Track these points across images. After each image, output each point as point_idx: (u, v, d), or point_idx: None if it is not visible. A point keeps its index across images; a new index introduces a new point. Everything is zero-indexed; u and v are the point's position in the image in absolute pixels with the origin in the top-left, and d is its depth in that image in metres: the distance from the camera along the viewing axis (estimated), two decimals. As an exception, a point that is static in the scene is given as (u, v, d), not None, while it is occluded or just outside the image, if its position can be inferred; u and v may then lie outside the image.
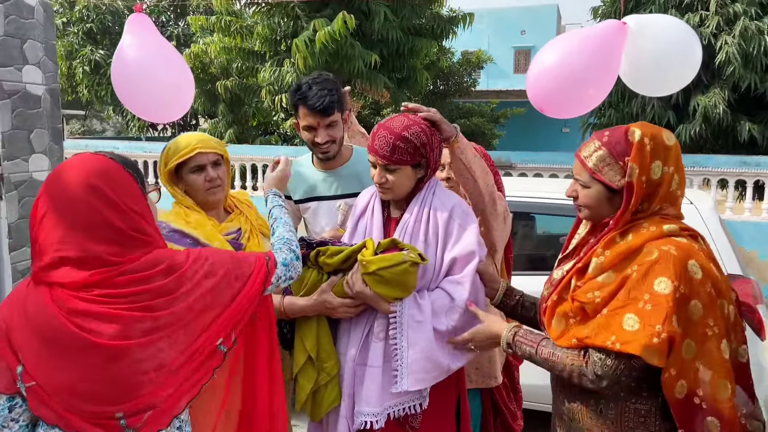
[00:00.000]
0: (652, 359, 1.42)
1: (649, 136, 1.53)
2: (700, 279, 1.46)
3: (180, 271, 1.45)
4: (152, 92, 2.23)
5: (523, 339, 1.67)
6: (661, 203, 1.55)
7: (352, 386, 1.85)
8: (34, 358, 1.35)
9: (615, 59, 2.13)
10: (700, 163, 7.98)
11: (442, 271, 1.86)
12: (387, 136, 1.81)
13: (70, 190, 1.37)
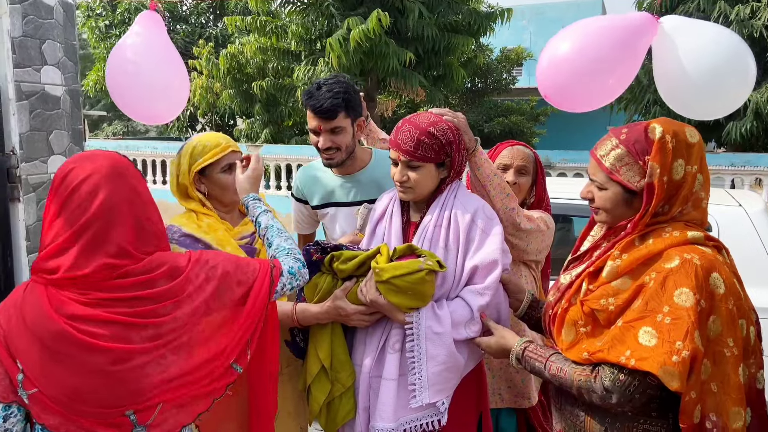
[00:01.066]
0: (671, 382, 1.29)
1: (671, 134, 1.40)
2: (723, 294, 1.34)
3: (183, 275, 1.41)
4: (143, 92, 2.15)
5: (533, 354, 1.56)
6: (682, 205, 1.42)
7: (368, 399, 1.76)
8: (36, 363, 1.32)
9: (639, 52, 1.97)
10: (752, 162, 7.63)
11: (462, 280, 1.76)
12: (412, 131, 1.72)
13: (94, 177, 1.34)
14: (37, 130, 2.24)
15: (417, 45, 9.66)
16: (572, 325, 1.47)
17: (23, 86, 2.16)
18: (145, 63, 2.06)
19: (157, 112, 2.19)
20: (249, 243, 1.92)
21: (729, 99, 2.11)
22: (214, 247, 1.81)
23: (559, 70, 2.05)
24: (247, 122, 13.83)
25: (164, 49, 2.14)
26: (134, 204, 1.38)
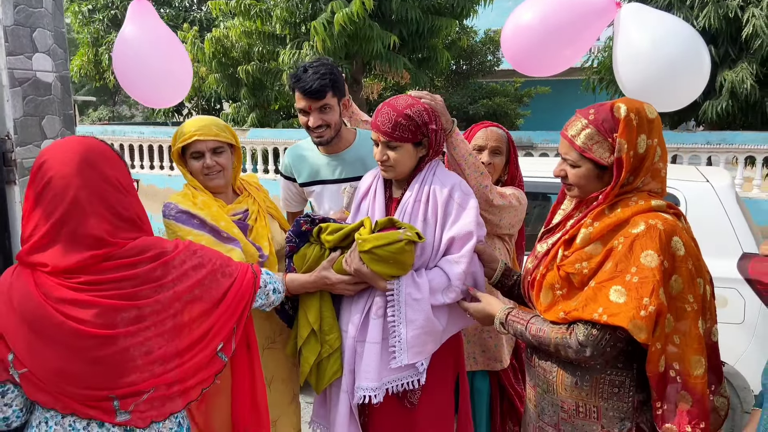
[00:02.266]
0: (639, 334, 1.42)
1: (635, 111, 1.52)
2: (683, 255, 1.48)
3: (166, 258, 1.47)
4: (151, 79, 2.25)
5: (515, 318, 1.69)
6: (644, 176, 1.55)
7: (353, 362, 1.89)
8: (24, 344, 1.37)
9: (595, 30, 2.08)
10: (727, 139, 7.78)
11: (440, 250, 1.87)
12: (390, 113, 1.83)
13: (64, 170, 1.36)
14: (30, 115, 2.30)
15: (401, 28, 9.68)
16: (549, 288, 1.59)
17: (16, 73, 2.23)
18: (147, 52, 2.14)
19: (166, 95, 2.29)
20: (242, 219, 2.02)
21: (684, 93, 2.21)
22: (209, 222, 1.91)
23: (521, 37, 2.16)
24: (234, 106, 13.77)
25: (163, 35, 2.22)
26: (108, 193, 1.40)
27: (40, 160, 1.40)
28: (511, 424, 2.35)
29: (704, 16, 8.06)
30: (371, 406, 1.89)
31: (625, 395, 1.55)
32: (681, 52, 2.15)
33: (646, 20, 2.19)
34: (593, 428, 1.57)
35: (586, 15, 2.05)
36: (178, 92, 2.36)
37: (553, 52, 2.14)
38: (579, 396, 1.58)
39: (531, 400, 1.76)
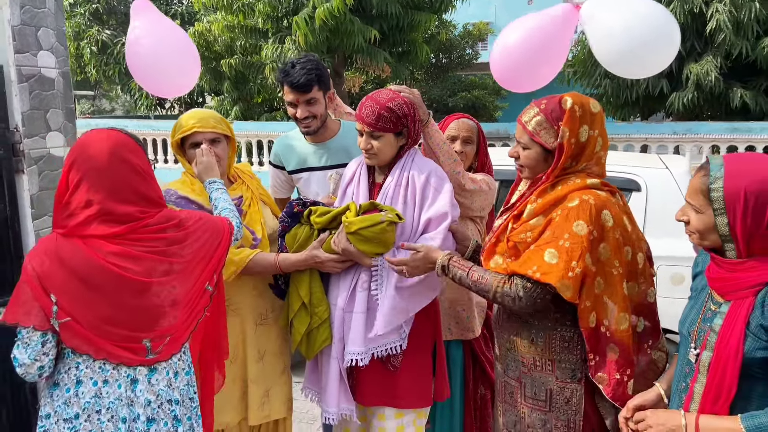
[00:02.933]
0: (566, 292, 1.63)
1: (579, 104, 1.72)
2: (611, 226, 1.68)
3: (186, 226, 1.73)
4: (164, 71, 2.43)
5: (457, 264, 1.87)
6: (586, 161, 1.75)
7: (342, 331, 2.07)
8: (71, 296, 1.57)
9: (562, 42, 2.27)
10: (693, 130, 8.11)
11: (419, 230, 2.06)
12: (373, 106, 2.01)
13: (100, 160, 1.60)
14: (36, 109, 2.44)
15: (381, 22, 9.83)
16: (500, 255, 1.79)
17: (23, 70, 2.36)
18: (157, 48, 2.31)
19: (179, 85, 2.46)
20: (237, 205, 2.19)
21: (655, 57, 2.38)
22: (206, 207, 2.08)
23: (506, 59, 2.36)
24: (217, 100, 13.82)
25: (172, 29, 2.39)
26: (135, 181, 1.65)
27: (84, 145, 1.63)
28: (483, 388, 2.55)
29: (671, 11, 8.35)
30: (358, 370, 2.08)
31: (574, 349, 1.76)
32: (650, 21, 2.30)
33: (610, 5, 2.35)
34: (549, 379, 1.78)
35: (555, 31, 2.24)
36: (190, 80, 2.55)
37: (532, 70, 2.33)
38: (535, 351, 1.79)
39: (498, 358, 1.97)
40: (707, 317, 1.47)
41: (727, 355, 1.39)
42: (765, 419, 1.33)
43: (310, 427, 3.49)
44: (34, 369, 1.60)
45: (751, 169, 1.37)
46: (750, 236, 1.36)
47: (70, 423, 1.62)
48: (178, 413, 1.73)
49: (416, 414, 2.13)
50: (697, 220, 1.43)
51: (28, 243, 2.41)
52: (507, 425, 1.90)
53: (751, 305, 1.36)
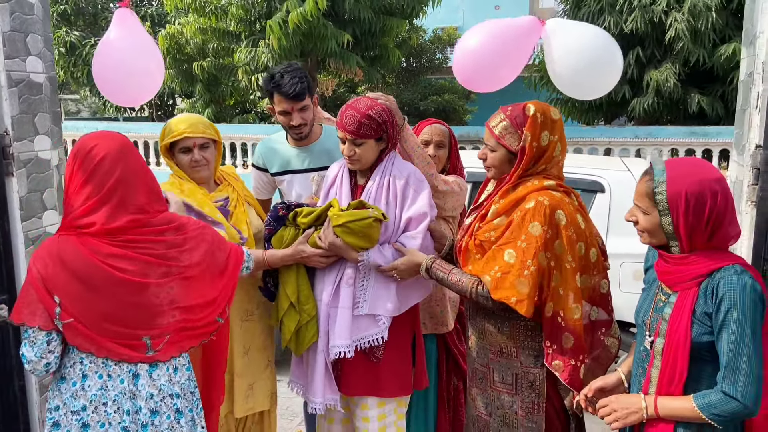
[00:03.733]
0: (522, 288, 1.78)
1: (541, 112, 1.87)
2: (564, 225, 1.83)
3: (185, 231, 1.78)
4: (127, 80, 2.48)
5: (439, 266, 2.02)
6: (546, 164, 1.90)
7: (327, 325, 2.18)
8: (74, 296, 1.64)
9: (524, 50, 2.42)
10: (653, 134, 8.43)
11: (400, 228, 2.18)
12: (354, 115, 2.11)
13: (111, 153, 1.66)
14: (25, 113, 2.48)
15: (354, 27, 9.94)
16: (469, 253, 1.93)
17: (12, 75, 2.40)
18: (127, 54, 2.36)
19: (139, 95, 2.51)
20: (223, 206, 2.28)
21: (602, 83, 2.57)
22: (195, 207, 2.17)
23: (467, 60, 2.49)
24: (189, 102, 13.74)
25: (142, 40, 2.44)
26: (144, 173, 1.73)
27: (87, 146, 1.68)
28: (456, 380, 2.68)
29: (632, 20, 8.68)
30: (343, 362, 2.18)
31: (536, 337, 1.91)
32: (599, 50, 2.48)
33: (569, 29, 2.53)
34: (515, 365, 1.93)
35: (517, 38, 2.39)
36: (151, 91, 2.61)
37: (492, 72, 2.47)
38: (501, 339, 1.94)
39: (471, 347, 2.11)
40: (658, 307, 1.62)
41: (677, 341, 1.54)
42: (714, 397, 1.49)
43: (291, 422, 3.58)
44: (41, 365, 1.67)
45: (690, 172, 1.53)
46: (691, 233, 1.51)
47: (78, 415, 1.70)
48: (180, 406, 1.80)
49: (397, 402, 2.26)
50: (645, 221, 1.58)
51: (17, 244, 2.45)
52: (479, 408, 2.05)
53: (696, 295, 1.52)
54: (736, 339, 1.46)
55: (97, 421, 1.71)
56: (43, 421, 2.59)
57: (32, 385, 2.54)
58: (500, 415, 1.97)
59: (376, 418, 2.22)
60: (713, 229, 1.51)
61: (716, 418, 1.48)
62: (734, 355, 1.46)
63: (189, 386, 1.84)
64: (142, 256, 1.68)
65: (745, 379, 1.45)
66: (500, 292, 1.81)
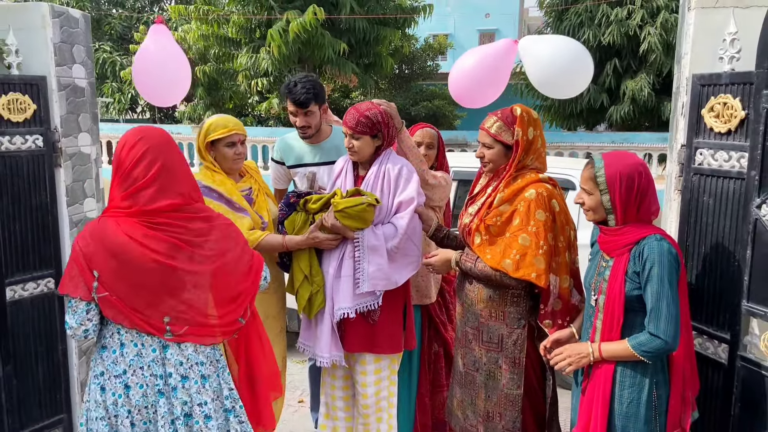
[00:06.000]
0: (540, 265, 2.13)
1: (526, 112, 2.24)
2: (558, 211, 2.19)
3: (212, 221, 1.89)
4: (162, 84, 2.84)
5: (466, 259, 2.36)
6: (533, 155, 2.25)
7: (332, 292, 2.53)
8: (109, 272, 1.76)
9: (504, 69, 2.79)
10: (629, 139, 8.85)
11: (392, 211, 2.53)
12: (355, 114, 2.48)
13: (156, 145, 1.81)
14: (70, 113, 2.81)
15: (350, 36, 10.32)
16: (478, 234, 2.27)
17: (61, 80, 2.72)
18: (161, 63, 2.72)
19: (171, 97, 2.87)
20: (248, 194, 2.62)
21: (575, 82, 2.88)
22: (226, 195, 2.50)
23: (461, 81, 2.86)
24: (190, 105, 14.04)
25: (173, 51, 2.80)
26: (183, 163, 1.90)
27: (133, 139, 1.81)
28: (436, 346, 3.01)
29: (609, 33, 9.10)
30: (346, 324, 2.52)
31: (521, 302, 2.25)
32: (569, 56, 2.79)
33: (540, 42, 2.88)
34: (501, 327, 2.27)
35: (496, 60, 2.75)
36: (180, 94, 2.96)
37: (481, 91, 2.84)
38: (491, 305, 2.28)
39: (459, 313, 2.45)
40: (600, 271, 1.99)
41: (614, 296, 1.90)
42: (643, 338, 1.84)
43: (293, 393, 3.91)
44: (80, 331, 1.82)
45: (621, 160, 1.90)
46: (625, 206, 1.88)
47: (120, 378, 1.84)
48: (205, 372, 1.92)
49: (390, 359, 2.61)
50: (590, 200, 1.95)
51: (63, 226, 2.78)
52: (467, 365, 2.37)
53: (627, 259, 1.88)
54: (657, 290, 1.81)
55: (136, 382, 1.84)
56: (81, 382, 2.91)
57: (72, 349, 2.87)
58: (486, 370, 2.30)
59: (372, 373, 2.57)
60: (640, 202, 1.87)
61: (646, 354, 1.83)
62: (657, 302, 1.81)
63: (214, 355, 1.95)
64: (171, 239, 1.79)
65: (665, 321, 1.80)
66: (521, 271, 2.14)
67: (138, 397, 1.85)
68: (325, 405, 2.77)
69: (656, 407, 1.88)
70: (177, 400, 1.87)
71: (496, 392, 2.27)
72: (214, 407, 1.92)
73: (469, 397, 2.36)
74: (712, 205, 2.04)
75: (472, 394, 2.34)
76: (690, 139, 2.11)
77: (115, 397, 1.85)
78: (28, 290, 2.64)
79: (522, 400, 2.24)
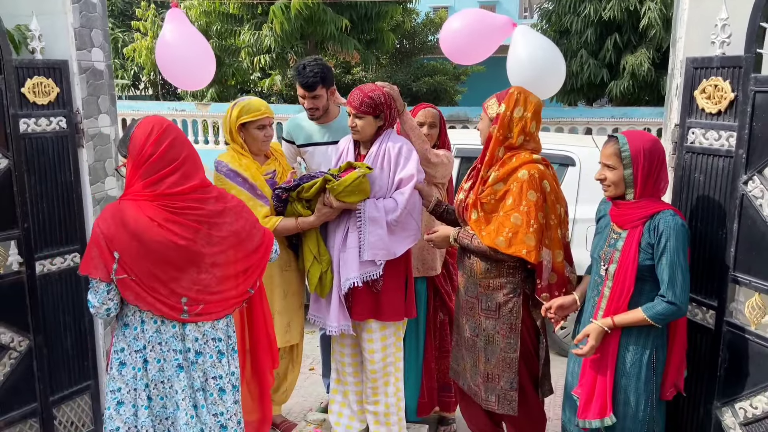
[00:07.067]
0: (530, 242, 2.26)
1: (519, 92, 2.33)
2: (549, 191, 2.31)
3: (225, 201, 1.96)
4: (187, 68, 2.92)
5: (463, 235, 2.48)
6: (523, 136, 2.33)
7: (339, 266, 2.66)
8: (130, 254, 1.81)
9: (496, 38, 2.84)
10: (628, 114, 8.89)
11: (392, 188, 2.64)
12: (359, 95, 2.58)
13: (179, 136, 1.91)
14: (90, 95, 2.90)
15: (351, 12, 10.29)
16: (474, 210, 2.39)
17: (82, 63, 2.81)
18: (182, 48, 2.80)
19: (197, 80, 2.95)
20: (271, 178, 2.73)
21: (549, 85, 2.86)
22: (250, 180, 2.61)
23: (451, 37, 2.93)
24: (193, 82, 13.99)
25: (193, 36, 2.89)
26: (196, 153, 1.95)
27: (158, 129, 1.88)
28: (442, 315, 3.15)
29: (610, 9, 9.08)
30: (353, 294, 2.66)
31: (516, 273, 2.38)
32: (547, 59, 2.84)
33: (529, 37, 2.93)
34: (498, 296, 2.40)
35: (492, 28, 2.81)
36: (207, 76, 3.03)
37: (469, 49, 2.91)
38: (490, 276, 2.41)
39: (461, 284, 2.59)
40: (611, 243, 2.11)
41: (627, 264, 2.03)
42: (660, 307, 1.97)
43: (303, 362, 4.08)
44: (102, 310, 1.90)
45: (642, 137, 2.03)
46: (645, 180, 1.99)
47: (140, 353, 1.94)
48: (221, 348, 2.03)
49: (395, 327, 2.76)
50: (612, 175, 2.06)
51: (87, 204, 2.90)
52: (469, 331, 2.53)
53: (641, 231, 2.01)
54: (673, 261, 1.95)
55: (155, 357, 1.93)
56: (106, 351, 3.07)
57: (98, 320, 3.02)
58: (485, 335, 2.45)
59: (378, 340, 2.72)
60: (657, 177, 2.00)
61: (660, 320, 1.98)
62: (673, 272, 1.95)
63: (227, 331, 2.05)
64: (191, 223, 1.87)
65: (681, 289, 1.95)
66: (513, 248, 2.27)
67: (155, 371, 1.95)
68: (336, 371, 2.93)
69: (655, 368, 2.05)
70: (195, 374, 1.97)
71: (495, 355, 2.42)
72: (227, 381, 2.03)
73: (471, 360, 2.52)
74: (702, 182, 2.15)
75: (474, 357, 2.50)
76: (683, 119, 2.21)
77: (135, 371, 1.94)
78: (56, 264, 2.77)
79: (518, 362, 2.39)
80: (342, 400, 2.92)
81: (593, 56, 9.80)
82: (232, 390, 2.07)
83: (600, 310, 2.12)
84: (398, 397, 2.83)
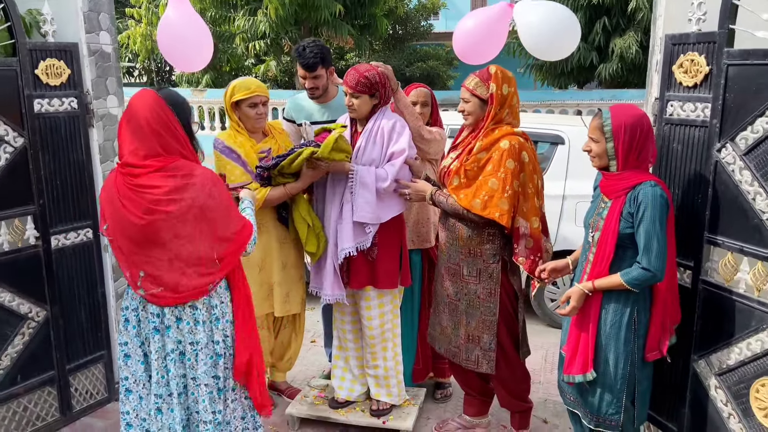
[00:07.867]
0: (503, 206, 2.39)
1: (500, 71, 2.47)
2: (527, 162, 2.44)
3: (191, 180, 1.92)
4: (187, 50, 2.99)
5: (440, 195, 2.61)
6: (508, 109, 2.47)
7: (335, 237, 2.78)
8: (111, 221, 1.96)
9: (501, 30, 2.95)
10: (617, 96, 9.00)
11: (384, 159, 2.74)
12: (355, 75, 2.69)
13: (136, 113, 1.91)
14: (99, 77, 2.99)
15: (345, -3, 10.31)
16: (456, 177, 2.53)
17: (91, 46, 2.90)
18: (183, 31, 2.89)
19: (196, 62, 3.04)
20: (266, 155, 2.83)
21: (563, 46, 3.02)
22: (243, 157, 2.72)
23: (463, 39, 3.04)
24: (188, 68, 13.98)
25: (193, 19, 2.97)
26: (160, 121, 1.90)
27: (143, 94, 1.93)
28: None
29: (599, -8, 9.15)
30: (350, 263, 2.78)
31: (495, 240, 2.51)
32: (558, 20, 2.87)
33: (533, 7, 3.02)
34: (479, 262, 2.53)
35: (496, 22, 2.91)
36: (205, 59, 3.12)
37: (479, 49, 3.00)
38: (471, 242, 2.54)
39: (443, 249, 2.70)
40: (599, 212, 2.22)
41: (608, 232, 2.13)
42: (635, 273, 2.06)
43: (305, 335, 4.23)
44: None
45: (626, 112, 2.10)
46: (626, 154, 2.09)
47: (134, 311, 2.06)
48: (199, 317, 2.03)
49: (392, 295, 2.89)
50: (596, 147, 2.16)
51: (98, 182, 3.01)
52: (450, 296, 2.66)
53: (623, 201, 2.11)
54: (649, 229, 2.04)
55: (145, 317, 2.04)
56: (118, 322, 3.19)
57: (110, 292, 3.14)
58: (467, 299, 2.59)
59: (376, 307, 2.85)
60: (639, 150, 2.08)
61: (635, 285, 2.07)
62: (648, 240, 2.04)
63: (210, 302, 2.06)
64: (147, 204, 1.89)
65: (656, 257, 2.04)
66: (488, 210, 2.40)
67: (133, 333, 2.08)
68: (338, 338, 3.07)
69: (635, 330, 2.15)
70: (169, 338, 2.02)
71: (475, 318, 2.57)
72: (206, 350, 2.04)
73: (453, 323, 2.66)
74: (680, 151, 2.29)
75: (455, 320, 2.64)
76: (662, 93, 2.34)
77: (133, 329, 2.09)
78: (69, 239, 2.89)
79: (498, 324, 2.54)
80: (344, 365, 3.07)
81: (583, 39, 9.88)
82: (210, 358, 2.06)
83: (586, 275, 2.25)
84: (396, 361, 2.98)
